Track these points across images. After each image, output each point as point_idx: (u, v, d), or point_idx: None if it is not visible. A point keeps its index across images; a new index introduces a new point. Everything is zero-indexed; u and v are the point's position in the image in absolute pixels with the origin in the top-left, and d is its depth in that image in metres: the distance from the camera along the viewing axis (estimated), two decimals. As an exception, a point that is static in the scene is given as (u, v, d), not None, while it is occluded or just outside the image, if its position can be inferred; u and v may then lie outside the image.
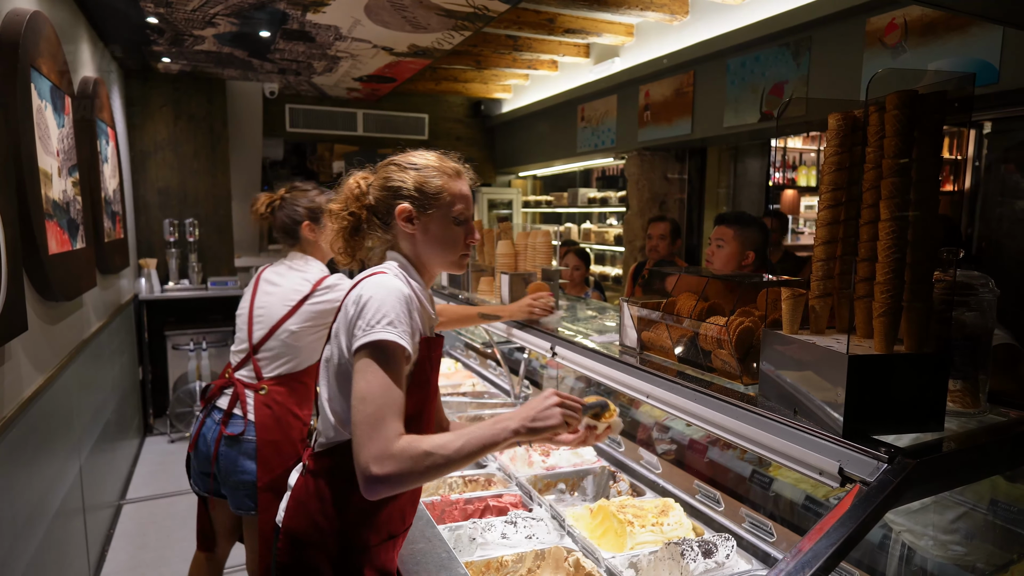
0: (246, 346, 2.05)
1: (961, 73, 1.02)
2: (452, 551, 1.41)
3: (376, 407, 1.07)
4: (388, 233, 1.29)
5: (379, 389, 1.08)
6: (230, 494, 2.00)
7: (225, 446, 1.95)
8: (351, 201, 1.29)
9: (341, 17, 3.65)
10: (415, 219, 1.26)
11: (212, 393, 2.05)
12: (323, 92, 6.07)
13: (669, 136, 4.45)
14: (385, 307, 1.14)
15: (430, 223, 1.26)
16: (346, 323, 1.17)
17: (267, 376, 2.01)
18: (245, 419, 1.96)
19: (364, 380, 1.09)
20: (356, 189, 1.29)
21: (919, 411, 0.99)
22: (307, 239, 2.14)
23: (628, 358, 1.56)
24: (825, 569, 0.84)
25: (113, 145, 3.85)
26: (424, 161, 1.28)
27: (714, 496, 1.72)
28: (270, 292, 2.08)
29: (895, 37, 2.88)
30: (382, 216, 1.28)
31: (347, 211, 1.28)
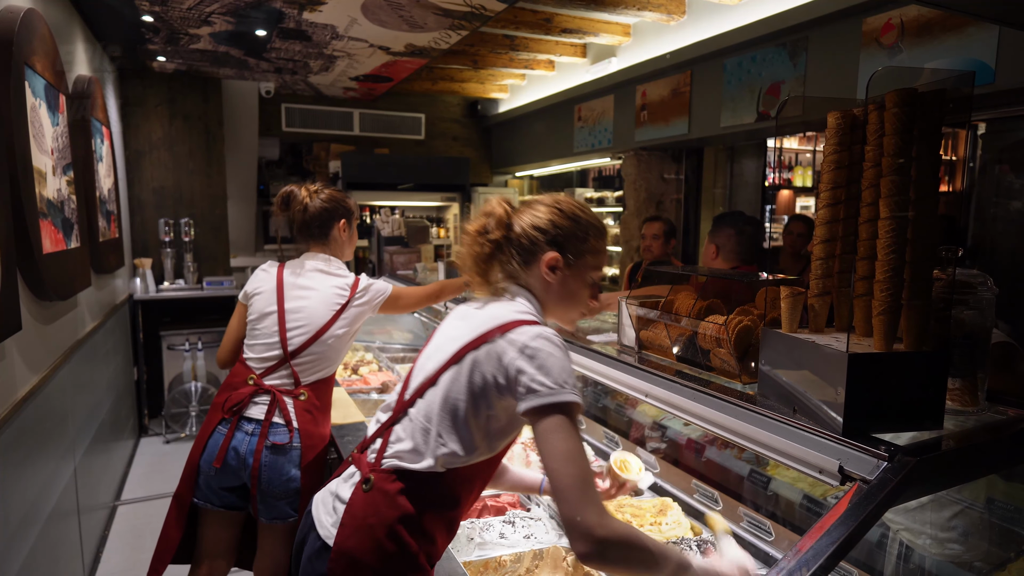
0: (279, 352, 1.95)
1: (960, 72, 1.02)
2: (450, 551, 1.41)
3: (583, 470, 1.02)
4: (523, 271, 1.23)
5: (579, 452, 1.04)
6: (270, 504, 1.89)
7: (271, 455, 1.87)
8: (494, 227, 1.22)
9: (338, 16, 3.64)
10: (558, 270, 1.21)
11: (240, 403, 1.90)
12: (319, 91, 6.06)
13: (666, 136, 4.45)
14: (567, 367, 1.10)
15: (569, 279, 1.22)
16: (512, 368, 1.09)
17: (306, 382, 1.94)
18: (290, 427, 1.88)
19: (564, 442, 1.03)
20: (503, 216, 1.23)
21: (919, 409, 0.99)
22: (337, 238, 2.08)
23: (627, 357, 1.56)
24: (826, 567, 0.83)
25: (108, 144, 3.83)
26: (586, 217, 1.24)
27: (712, 495, 1.72)
28: (305, 296, 1.98)
29: (892, 37, 2.89)
30: (523, 254, 1.22)
31: (488, 236, 1.22)
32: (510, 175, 7.36)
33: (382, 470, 1.18)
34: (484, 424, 1.16)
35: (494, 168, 7.34)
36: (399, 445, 1.19)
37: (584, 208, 1.26)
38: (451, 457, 1.16)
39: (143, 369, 4.78)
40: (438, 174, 6.22)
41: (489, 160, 7.36)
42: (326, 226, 2.06)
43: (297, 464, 1.89)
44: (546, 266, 1.21)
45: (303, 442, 1.90)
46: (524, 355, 1.09)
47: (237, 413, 1.91)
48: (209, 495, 1.95)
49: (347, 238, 2.12)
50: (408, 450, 1.18)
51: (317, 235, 2.07)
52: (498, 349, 1.12)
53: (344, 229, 2.09)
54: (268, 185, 6.40)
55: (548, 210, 1.23)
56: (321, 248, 2.08)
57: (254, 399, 1.92)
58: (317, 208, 2.04)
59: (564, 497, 1.00)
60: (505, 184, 7.40)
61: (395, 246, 4.36)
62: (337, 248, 2.10)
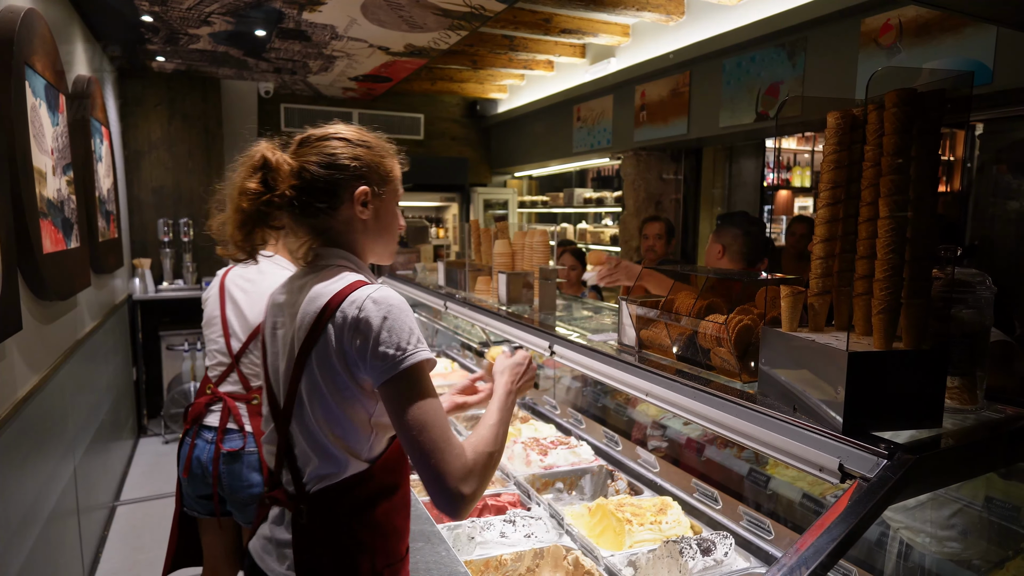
0: (227, 357, 1.94)
1: (960, 72, 1.03)
2: (452, 550, 1.41)
3: (439, 430, 0.99)
4: (330, 218, 1.12)
5: (433, 411, 1.01)
6: (239, 510, 1.92)
7: (226, 463, 1.88)
8: (284, 179, 1.09)
9: (337, 16, 3.64)
10: (370, 204, 1.13)
11: (197, 412, 1.94)
12: (318, 92, 6.06)
13: (665, 136, 4.46)
14: (407, 323, 1.03)
15: (381, 210, 1.15)
16: (352, 348, 1.02)
17: (256, 385, 1.94)
18: (243, 432, 1.90)
19: (417, 408, 1.00)
20: (291, 164, 1.10)
21: (918, 407, 1.00)
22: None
23: (627, 356, 1.56)
24: (826, 565, 0.84)
25: (107, 144, 3.82)
26: (371, 138, 1.17)
27: (712, 494, 1.72)
28: (241, 297, 1.97)
29: (890, 38, 2.89)
30: (327, 199, 1.10)
31: (277, 192, 1.08)
32: (509, 175, 7.37)
33: (312, 496, 1.08)
34: (365, 408, 1.08)
35: (493, 168, 7.35)
36: (311, 467, 1.08)
37: (368, 130, 1.18)
38: (363, 449, 1.09)
39: (142, 369, 4.78)
40: (437, 174, 6.23)
41: (488, 160, 7.37)
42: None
43: (257, 468, 1.89)
44: (359, 203, 1.13)
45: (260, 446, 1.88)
46: (365, 329, 1.01)
47: (197, 422, 1.94)
48: (192, 503, 2.00)
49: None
50: (322, 465, 1.08)
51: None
52: (334, 334, 1.04)
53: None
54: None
55: (338, 143, 1.14)
56: (274, 244, 1.98)
57: (209, 407, 1.94)
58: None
59: (422, 463, 0.99)
60: (504, 184, 7.41)
61: (394, 246, 4.36)
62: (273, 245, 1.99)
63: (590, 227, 6.23)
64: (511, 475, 1.96)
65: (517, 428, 2.41)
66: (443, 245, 6.43)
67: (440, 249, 6.07)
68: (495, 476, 2.00)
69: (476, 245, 2.87)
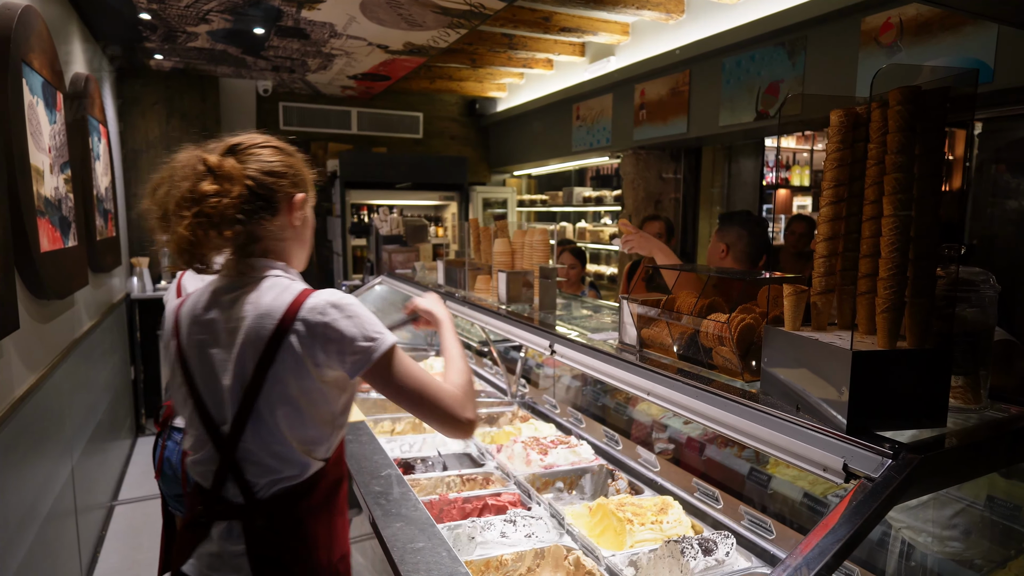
0: None
1: (964, 69, 1.02)
2: (453, 550, 1.40)
3: (430, 385, 1.15)
4: (266, 227, 1.13)
5: (418, 373, 1.15)
6: None
7: None
8: (235, 184, 1.08)
9: (336, 14, 3.63)
10: (302, 211, 1.20)
11: (167, 415, 1.99)
12: (317, 90, 6.04)
13: (664, 135, 4.45)
14: (367, 316, 1.12)
15: (307, 218, 1.21)
16: (323, 352, 1.08)
17: None
18: None
19: (406, 378, 1.13)
20: (232, 169, 1.09)
21: (922, 407, 0.99)
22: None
23: (628, 355, 1.56)
24: (831, 566, 0.83)
25: (105, 142, 3.81)
26: (292, 148, 1.21)
27: (713, 494, 1.72)
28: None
29: (890, 36, 2.89)
30: (267, 205, 1.13)
31: (228, 198, 1.07)
32: (508, 174, 7.36)
33: (267, 501, 1.10)
34: (330, 407, 1.13)
35: (492, 167, 7.34)
36: (267, 475, 1.10)
37: (283, 139, 1.21)
38: (321, 449, 1.14)
39: (140, 368, 4.77)
40: (436, 173, 6.21)
41: (487, 159, 7.36)
42: None
43: None
44: (296, 210, 1.17)
45: None
46: (331, 334, 1.08)
47: (167, 424, 1.98)
48: (172, 504, 2.03)
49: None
50: (281, 471, 1.10)
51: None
52: (298, 343, 1.07)
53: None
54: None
55: (271, 151, 1.15)
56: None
57: None
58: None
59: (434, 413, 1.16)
60: (503, 183, 7.40)
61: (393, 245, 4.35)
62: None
63: (589, 226, 6.22)
64: (511, 474, 1.96)
65: (517, 427, 2.40)
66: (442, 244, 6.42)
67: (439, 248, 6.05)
68: (495, 476, 2.00)
69: (475, 244, 2.86)
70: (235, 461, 1.10)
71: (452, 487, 1.95)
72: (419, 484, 1.92)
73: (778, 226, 5.88)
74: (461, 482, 1.97)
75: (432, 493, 1.89)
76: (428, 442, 2.29)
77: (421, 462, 2.15)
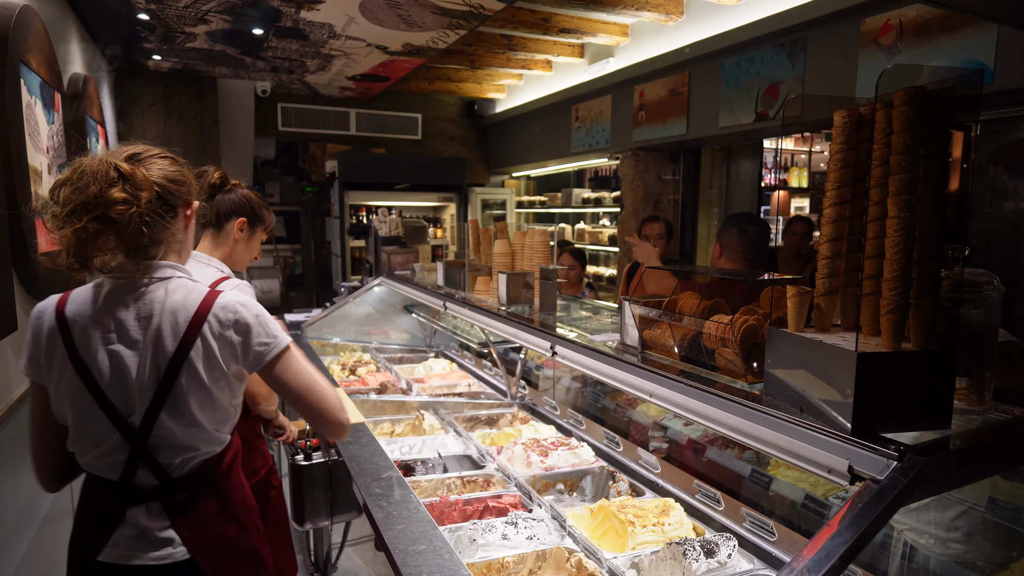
0: None
1: (969, 69, 1.02)
2: (455, 552, 1.40)
3: (317, 385, 1.29)
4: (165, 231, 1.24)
5: (305, 374, 1.29)
6: None
7: None
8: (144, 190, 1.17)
9: (335, 15, 3.63)
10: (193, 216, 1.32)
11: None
12: (316, 91, 6.04)
13: (664, 136, 4.45)
14: (269, 318, 1.26)
15: (191, 221, 1.31)
16: (232, 345, 1.22)
17: None
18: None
19: (297, 377, 1.27)
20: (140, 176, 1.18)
21: (927, 409, 0.99)
22: (232, 236, 1.91)
23: (630, 357, 1.55)
24: (837, 568, 0.83)
25: (103, 143, 3.80)
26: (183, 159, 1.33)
27: (714, 496, 1.71)
28: None
29: (890, 38, 2.89)
30: (169, 211, 1.23)
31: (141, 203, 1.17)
32: (507, 175, 7.36)
33: (184, 476, 1.24)
34: (232, 393, 1.28)
35: (491, 168, 7.34)
36: (182, 453, 1.23)
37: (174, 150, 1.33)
38: (227, 426, 1.30)
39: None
40: (435, 174, 6.21)
41: (486, 160, 7.35)
42: (226, 218, 1.90)
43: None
44: (192, 216, 1.30)
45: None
46: (238, 330, 1.22)
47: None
48: None
49: (241, 239, 1.93)
50: (198, 447, 1.24)
51: (211, 228, 1.90)
52: (211, 335, 1.20)
53: (241, 229, 1.92)
54: (264, 185, 6.37)
55: (170, 160, 1.26)
56: (207, 246, 1.90)
57: None
58: (226, 200, 1.91)
59: (316, 413, 1.30)
60: (502, 184, 7.39)
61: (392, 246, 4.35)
62: (222, 248, 1.92)
63: (588, 227, 6.22)
64: (512, 476, 1.95)
65: (517, 429, 2.39)
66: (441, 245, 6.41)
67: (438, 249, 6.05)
68: (496, 478, 1.99)
69: (475, 245, 2.85)
70: (146, 449, 1.20)
71: (453, 489, 1.95)
72: (420, 486, 1.91)
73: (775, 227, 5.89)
74: (462, 484, 1.97)
75: (433, 495, 1.88)
76: (428, 444, 2.28)
77: (421, 464, 2.14)
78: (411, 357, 3.60)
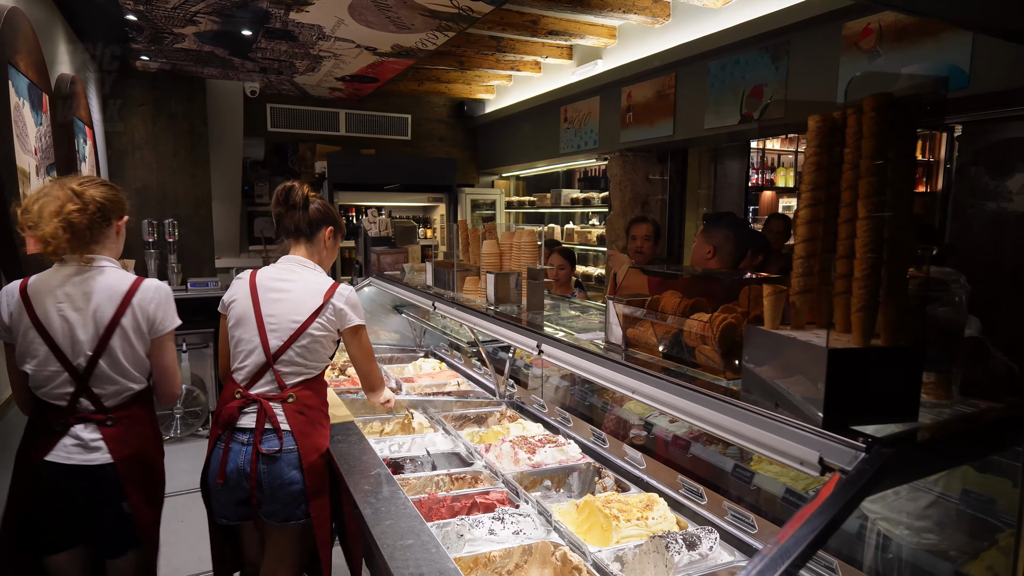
0: (262, 358, 1.92)
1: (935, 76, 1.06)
2: (442, 547, 1.42)
3: (173, 365, 1.96)
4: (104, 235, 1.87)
5: (172, 354, 1.94)
6: (279, 509, 1.88)
7: (266, 464, 1.86)
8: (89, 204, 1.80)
9: (324, 16, 3.64)
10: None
11: (229, 416, 1.90)
12: (305, 92, 6.03)
13: (651, 137, 4.50)
14: (172, 303, 1.93)
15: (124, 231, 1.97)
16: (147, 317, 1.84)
17: (291, 384, 1.92)
18: (279, 433, 1.87)
19: (169, 353, 1.93)
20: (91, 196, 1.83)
21: (895, 402, 1.03)
22: (323, 244, 2.09)
23: (614, 355, 1.59)
24: (806, 555, 0.86)
25: (91, 144, 3.79)
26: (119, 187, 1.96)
27: (697, 490, 1.75)
28: (280, 298, 1.96)
29: (871, 41, 2.95)
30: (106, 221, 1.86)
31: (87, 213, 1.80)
32: (496, 176, 7.38)
33: (116, 406, 1.85)
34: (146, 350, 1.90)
35: (480, 169, 7.36)
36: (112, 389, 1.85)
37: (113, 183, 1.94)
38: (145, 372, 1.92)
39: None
40: (425, 175, 6.22)
41: (475, 161, 7.38)
42: (317, 227, 2.07)
43: (297, 466, 1.86)
44: (122, 227, 1.91)
45: (300, 443, 1.87)
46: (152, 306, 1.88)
47: (230, 427, 1.90)
48: (223, 511, 1.95)
49: (331, 246, 2.13)
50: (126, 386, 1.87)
51: (306, 233, 2.06)
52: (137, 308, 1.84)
53: (330, 236, 2.11)
54: (253, 185, 6.35)
55: (109, 187, 1.86)
56: (303, 251, 2.07)
57: (243, 410, 1.90)
58: (312, 210, 2.06)
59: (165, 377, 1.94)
60: (491, 185, 7.42)
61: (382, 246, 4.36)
62: (316, 254, 2.09)
63: (577, 227, 6.26)
64: (500, 473, 1.98)
65: (505, 427, 2.42)
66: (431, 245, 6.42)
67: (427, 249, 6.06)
68: (484, 475, 2.02)
69: (464, 245, 2.88)
70: (87, 385, 1.78)
71: (441, 486, 1.97)
72: (408, 483, 1.94)
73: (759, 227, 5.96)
74: (450, 481, 1.99)
75: (421, 492, 1.91)
76: (417, 442, 2.30)
77: (410, 462, 2.16)
78: (401, 357, 3.62)
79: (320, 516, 1.88)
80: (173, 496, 3.76)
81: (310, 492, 1.86)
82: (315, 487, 1.88)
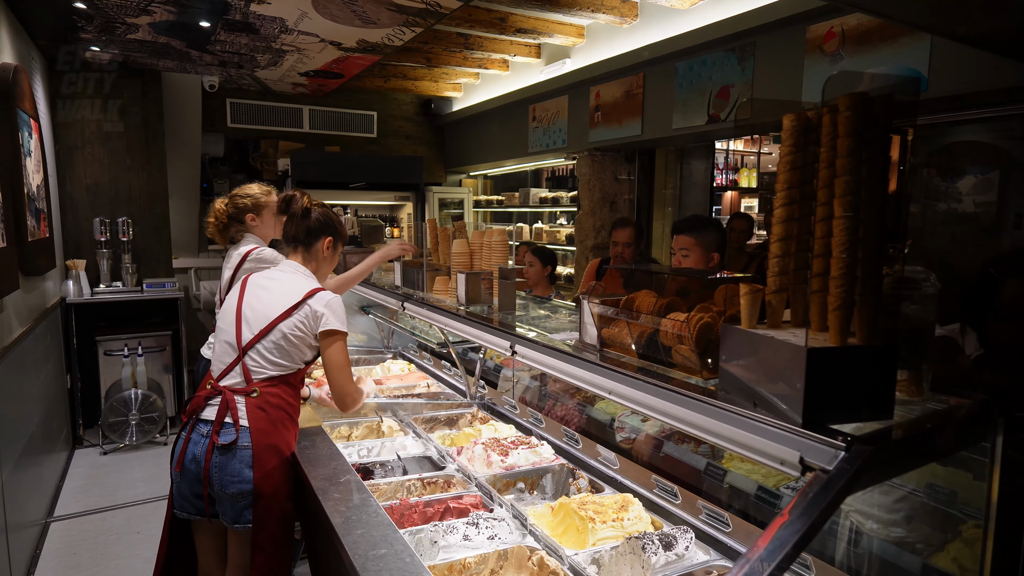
0: (234, 350, 1.91)
1: (907, 77, 1.07)
2: (416, 556, 1.38)
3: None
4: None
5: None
6: (228, 508, 1.84)
7: (219, 456, 1.81)
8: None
9: (287, 9, 3.53)
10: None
11: (196, 406, 1.89)
12: (267, 87, 5.87)
13: (619, 137, 4.52)
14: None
15: None
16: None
17: (258, 379, 1.89)
18: (237, 425, 1.83)
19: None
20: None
21: (871, 400, 1.03)
22: (321, 254, 2.08)
23: (589, 355, 1.57)
24: (790, 557, 0.86)
25: (37, 138, 3.59)
26: None
27: (671, 490, 1.75)
28: (263, 295, 1.97)
29: (834, 45, 3.01)
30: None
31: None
32: (464, 174, 7.32)
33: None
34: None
35: (448, 167, 7.29)
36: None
37: None
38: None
39: (77, 377, 4.52)
40: (391, 173, 6.12)
41: (443, 159, 7.30)
42: (316, 236, 2.08)
43: (249, 464, 1.81)
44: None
45: (255, 440, 1.82)
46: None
47: (194, 416, 1.89)
48: (183, 503, 1.92)
49: (330, 256, 2.12)
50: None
51: (303, 242, 2.07)
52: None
53: (329, 247, 2.10)
54: (212, 183, 6.15)
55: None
56: (301, 258, 2.08)
57: (209, 401, 1.90)
58: (313, 219, 2.08)
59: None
60: (459, 183, 7.36)
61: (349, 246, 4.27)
62: (315, 263, 2.10)
63: (545, 227, 6.26)
64: (472, 476, 1.94)
65: (477, 429, 2.39)
66: (398, 245, 6.32)
67: (395, 249, 5.96)
68: (457, 479, 1.98)
69: (433, 245, 2.83)
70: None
71: (413, 491, 1.93)
72: (379, 489, 1.89)
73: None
74: (422, 486, 1.95)
75: (392, 498, 1.86)
76: (387, 446, 2.25)
77: (380, 467, 2.11)
78: (368, 358, 3.54)
79: (264, 520, 1.82)
80: (128, 507, 3.62)
81: (256, 493, 1.81)
82: (263, 489, 1.81)
